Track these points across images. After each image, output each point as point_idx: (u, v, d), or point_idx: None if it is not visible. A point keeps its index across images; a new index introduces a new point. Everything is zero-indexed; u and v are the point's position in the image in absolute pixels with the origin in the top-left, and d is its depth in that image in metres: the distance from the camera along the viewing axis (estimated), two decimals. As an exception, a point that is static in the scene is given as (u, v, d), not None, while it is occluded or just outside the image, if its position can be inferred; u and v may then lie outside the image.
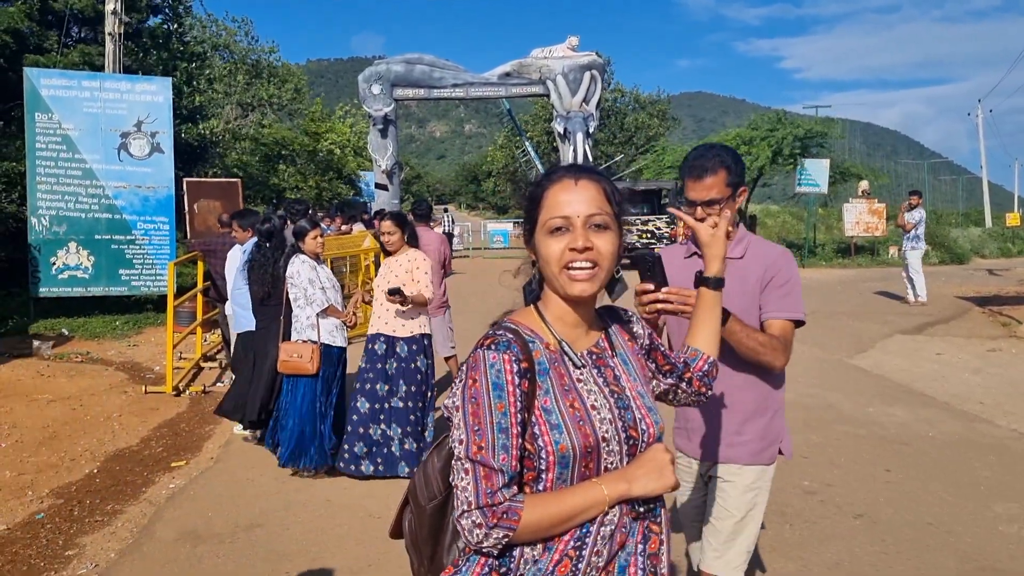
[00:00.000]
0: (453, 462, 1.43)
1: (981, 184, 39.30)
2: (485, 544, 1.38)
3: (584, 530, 1.44)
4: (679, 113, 50.30)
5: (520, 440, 1.40)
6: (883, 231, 22.01)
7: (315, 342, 5.47)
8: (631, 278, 1.75)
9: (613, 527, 1.46)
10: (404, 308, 5.45)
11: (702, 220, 2.44)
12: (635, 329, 1.71)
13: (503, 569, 1.43)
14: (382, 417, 5.44)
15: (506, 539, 1.37)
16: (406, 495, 1.69)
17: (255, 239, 6.29)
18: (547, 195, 1.50)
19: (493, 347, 1.42)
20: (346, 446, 5.45)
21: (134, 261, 11.55)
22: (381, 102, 24.43)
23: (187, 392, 8.08)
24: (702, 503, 2.77)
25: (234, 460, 5.94)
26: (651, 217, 22.30)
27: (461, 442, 1.40)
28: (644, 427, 1.52)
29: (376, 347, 5.54)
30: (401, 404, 5.44)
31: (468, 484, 1.37)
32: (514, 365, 1.40)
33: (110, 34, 13.33)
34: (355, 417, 5.46)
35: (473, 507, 1.36)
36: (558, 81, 25.13)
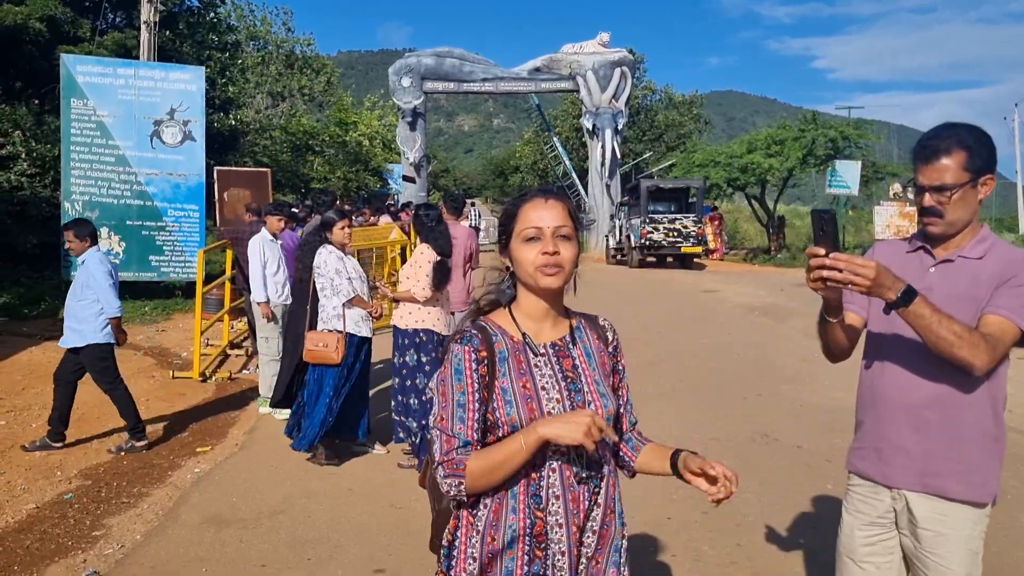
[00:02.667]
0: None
1: (1016, 190, 38.66)
2: (451, 492, 1.73)
3: (535, 485, 1.75)
4: (709, 112, 49.83)
5: (479, 414, 1.75)
6: (914, 235, 21.75)
7: (341, 332, 5.50)
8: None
9: (560, 481, 1.76)
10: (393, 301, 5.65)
11: (930, 208, 2.16)
12: (607, 335, 1.97)
13: (479, 523, 1.77)
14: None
15: (462, 485, 1.71)
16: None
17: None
18: (522, 211, 1.82)
19: (458, 341, 1.79)
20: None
21: (164, 248, 11.69)
22: (411, 95, 24.51)
23: (213, 378, 8.18)
24: (880, 543, 2.33)
25: (259, 447, 6.00)
26: (678, 216, 22.10)
27: (434, 415, 1.79)
28: (592, 407, 1.81)
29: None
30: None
31: (436, 446, 1.76)
32: (472, 355, 1.76)
33: (145, 22, 13.49)
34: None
35: (436, 463, 1.74)
36: (588, 77, 25.05)
